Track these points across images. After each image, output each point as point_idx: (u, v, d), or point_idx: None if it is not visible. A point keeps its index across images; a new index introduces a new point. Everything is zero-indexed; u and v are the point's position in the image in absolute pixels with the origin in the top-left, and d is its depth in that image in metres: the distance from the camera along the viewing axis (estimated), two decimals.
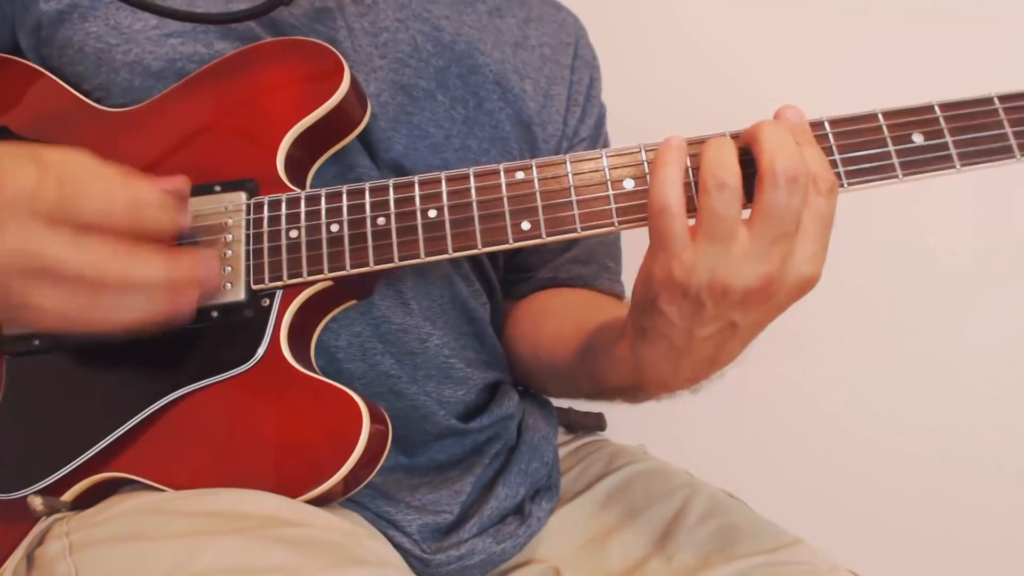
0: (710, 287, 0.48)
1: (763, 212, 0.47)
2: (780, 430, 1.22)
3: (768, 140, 0.48)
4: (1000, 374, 1.18)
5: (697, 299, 0.49)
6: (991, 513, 1.20)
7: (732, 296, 0.48)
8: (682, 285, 0.49)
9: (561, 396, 0.79)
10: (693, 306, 0.49)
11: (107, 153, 0.61)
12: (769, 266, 0.47)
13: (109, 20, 0.63)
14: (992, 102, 0.53)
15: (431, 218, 0.56)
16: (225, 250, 0.57)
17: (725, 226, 0.47)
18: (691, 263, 0.48)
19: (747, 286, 0.48)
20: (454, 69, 0.69)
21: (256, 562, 0.45)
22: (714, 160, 0.48)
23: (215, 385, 0.55)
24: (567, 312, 0.73)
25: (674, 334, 0.51)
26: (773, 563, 0.63)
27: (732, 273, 0.47)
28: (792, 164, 0.47)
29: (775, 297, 0.49)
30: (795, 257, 0.48)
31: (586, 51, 0.82)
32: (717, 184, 0.47)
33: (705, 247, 0.48)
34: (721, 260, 0.47)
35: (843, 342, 1.19)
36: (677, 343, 0.52)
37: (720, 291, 0.48)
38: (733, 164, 0.48)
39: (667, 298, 0.50)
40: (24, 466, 0.54)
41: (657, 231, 0.49)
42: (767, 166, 0.47)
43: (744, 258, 0.47)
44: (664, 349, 0.53)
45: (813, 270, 0.49)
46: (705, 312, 0.49)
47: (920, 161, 0.52)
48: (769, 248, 0.47)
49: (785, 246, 0.48)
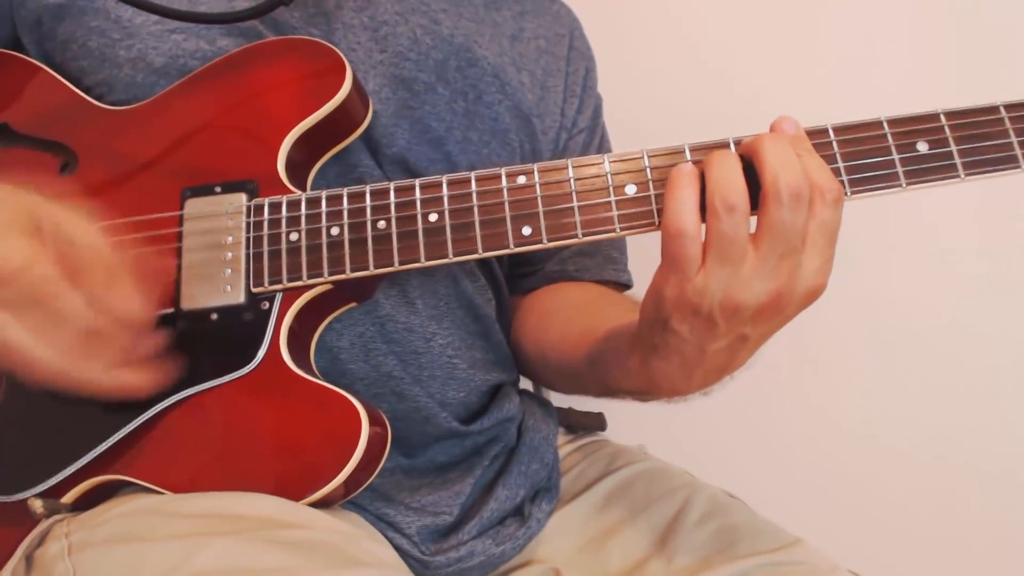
0: (722, 306, 0.48)
1: (769, 230, 0.47)
2: (780, 430, 1.22)
3: (770, 155, 0.48)
4: (1000, 374, 1.18)
5: (709, 318, 0.49)
6: (991, 513, 1.20)
7: (744, 313, 0.48)
8: (694, 306, 0.49)
9: (569, 392, 0.79)
10: (705, 324, 0.49)
11: (108, 152, 0.62)
12: (778, 282, 0.48)
13: (111, 14, 0.63)
14: (998, 111, 0.52)
15: (432, 222, 0.56)
16: (225, 252, 0.57)
17: (736, 248, 0.47)
18: (703, 284, 0.48)
19: (758, 303, 0.48)
20: (453, 62, 0.69)
21: (254, 563, 0.45)
22: (722, 180, 0.48)
23: (215, 388, 0.55)
24: (572, 314, 0.72)
25: (686, 350, 0.52)
26: (773, 563, 0.63)
27: (743, 292, 0.48)
28: (796, 180, 0.47)
29: (785, 310, 0.49)
30: (803, 270, 0.48)
31: (580, 42, 0.82)
32: (727, 207, 0.47)
33: (716, 268, 0.48)
34: (732, 280, 0.48)
35: (843, 342, 1.19)
36: (689, 357, 0.52)
37: (732, 310, 0.48)
38: (740, 184, 0.48)
39: (679, 318, 0.50)
40: (24, 468, 0.55)
41: (672, 254, 0.49)
42: (771, 183, 0.47)
43: (754, 276, 0.48)
44: (676, 363, 0.53)
45: (820, 281, 0.49)
46: (717, 329, 0.50)
47: (924, 170, 0.52)
48: (777, 265, 0.48)
49: (793, 260, 0.48)
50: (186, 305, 0.56)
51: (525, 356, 0.77)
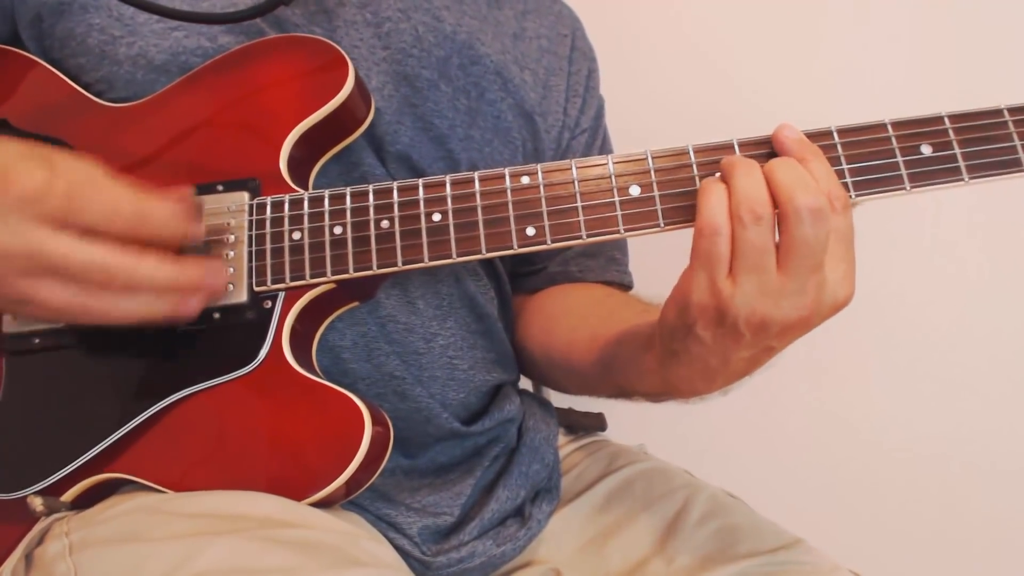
0: (748, 320, 0.48)
1: (793, 249, 0.47)
2: (780, 430, 1.22)
3: (784, 176, 0.48)
4: (1000, 374, 1.19)
5: (735, 327, 0.49)
6: (991, 513, 1.20)
7: (771, 329, 0.49)
8: (720, 312, 0.49)
9: (578, 394, 0.79)
10: (731, 334, 0.50)
11: (108, 149, 0.61)
12: (806, 298, 0.48)
13: (112, 11, 0.62)
14: (1002, 114, 0.52)
15: (435, 222, 0.56)
16: (227, 251, 0.57)
17: (763, 258, 0.48)
18: (730, 292, 0.48)
19: (786, 320, 0.48)
20: (456, 60, 0.69)
21: (254, 563, 0.45)
22: (750, 190, 0.48)
23: (217, 387, 0.55)
24: (578, 319, 0.72)
25: (710, 357, 0.52)
26: (774, 563, 0.63)
27: (772, 309, 0.48)
28: (813, 198, 0.47)
29: (812, 323, 0.50)
30: (828, 283, 0.49)
31: (583, 43, 0.82)
32: (754, 217, 0.48)
33: (742, 277, 0.48)
34: (759, 294, 0.48)
35: (844, 342, 1.19)
36: (712, 365, 0.52)
37: (759, 324, 0.49)
38: (766, 196, 0.48)
39: (704, 324, 0.50)
40: (24, 466, 0.54)
41: (706, 252, 0.49)
42: (788, 203, 0.48)
43: (781, 294, 0.48)
44: (699, 370, 0.53)
45: (848, 291, 0.50)
46: (743, 340, 0.50)
47: (928, 173, 0.52)
48: (804, 282, 0.48)
49: (819, 275, 0.48)
50: None
51: (531, 359, 0.77)
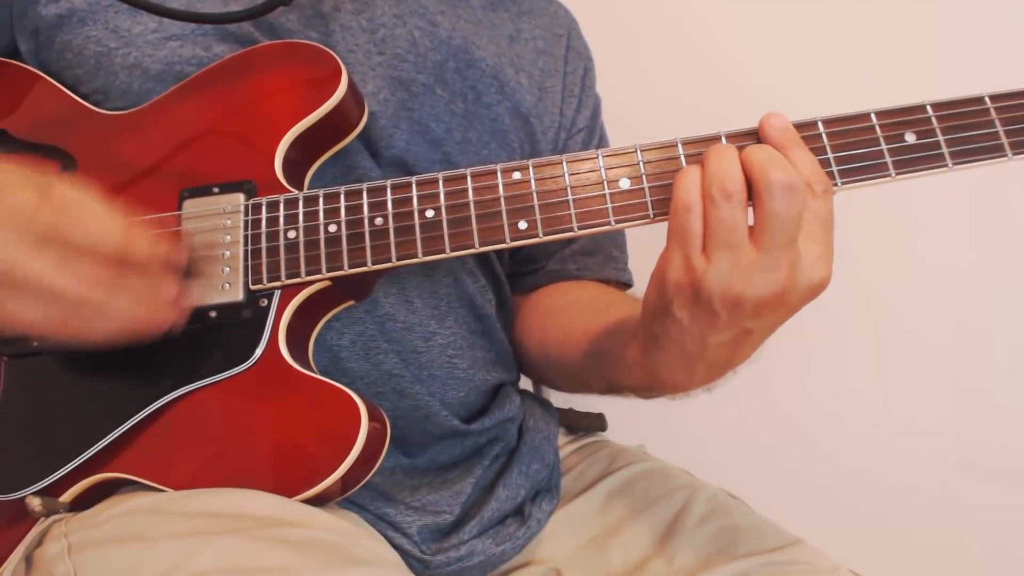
0: (723, 297, 0.49)
1: (765, 222, 0.48)
2: (780, 430, 1.22)
3: (757, 155, 0.49)
4: (1000, 373, 1.19)
5: (709, 306, 0.49)
6: (991, 513, 1.20)
7: (745, 306, 0.49)
8: (695, 289, 0.49)
9: (573, 391, 0.80)
10: (706, 313, 0.50)
11: (106, 156, 0.62)
12: (779, 273, 0.48)
13: (108, 24, 0.63)
14: (983, 101, 0.53)
15: (428, 218, 0.56)
16: (223, 251, 0.58)
17: (734, 235, 0.48)
18: (703, 268, 0.49)
19: (759, 296, 0.49)
20: (452, 64, 0.70)
21: (254, 562, 0.45)
22: (719, 170, 0.49)
23: (213, 385, 0.55)
24: (573, 314, 0.73)
25: (687, 341, 0.52)
26: (774, 563, 0.63)
27: (744, 285, 0.48)
28: (785, 173, 0.48)
29: (787, 303, 0.50)
30: (803, 262, 0.49)
31: (578, 42, 0.83)
32: (724, 194, 0.48)
33: (715, 254, 0.49)
34: (732, 270, 0.48)
35: (843, 341, 1.20)
36: (691, 349, 0.52)
37: (733, 301, 0.49)
38: (737, 173, 0.49)
39: (680, 303, 0.50)
40: (22, 466, 0.54)
41: (679, 229, 0.50)
42: (760, 179, 0.48)
43: (754, 269, 0.48)
44: (678, 355, 0.53)
45: (823, 273, 0.50)
46: (719, 320, 0.50)
47: (912, 160, 0.53)
48: (777, 257, 0.48)
49: (792, 252, 0.48)
50: None
51: (528, 356, 0.77)
